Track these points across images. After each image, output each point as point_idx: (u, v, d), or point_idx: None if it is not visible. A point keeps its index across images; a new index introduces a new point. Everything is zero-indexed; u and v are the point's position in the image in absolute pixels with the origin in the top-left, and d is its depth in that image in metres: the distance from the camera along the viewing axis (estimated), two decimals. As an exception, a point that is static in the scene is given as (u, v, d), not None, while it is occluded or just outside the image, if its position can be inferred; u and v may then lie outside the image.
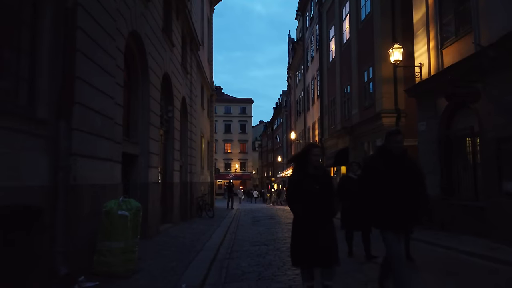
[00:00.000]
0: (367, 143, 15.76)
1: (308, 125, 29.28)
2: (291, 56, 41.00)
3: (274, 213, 20.01)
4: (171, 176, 11.32)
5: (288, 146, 45.63)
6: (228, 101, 66.89)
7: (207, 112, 23.28)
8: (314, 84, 26.91)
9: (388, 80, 14.06)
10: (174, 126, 11.59)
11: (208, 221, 14.38)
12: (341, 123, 19.43)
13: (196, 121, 17.40)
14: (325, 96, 23.03)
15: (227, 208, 23.53)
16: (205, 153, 21.98)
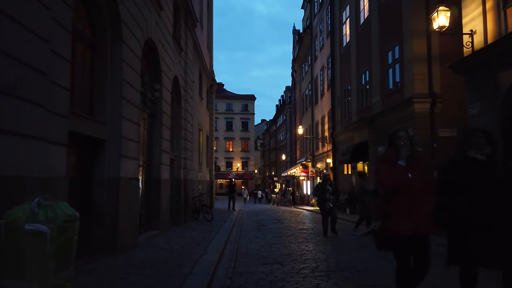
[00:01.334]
0: (392, 135, 13.45)
1: (317, 120, 27.00)
2: (296, 49, 38.74)
3: (281, 216, 17.74)
4: (158, 171, 9.07)
5: (292, 144, 43.37)
6: (230, 97, 64.68)
7: (206, 103, 21.02)
8: (324, 74, 24.62)
9: (420, 58, 11.78)
10: (163, 110, 9.34)
11: (205, 225, 12.12)
12: (358, 114, 17.14)
13: (193, 110, 15.15)
14: (337, 86, 20.74)
15: (228, 209, 21.26)
16: (203, 148, 19.72)
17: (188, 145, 12.90)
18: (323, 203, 10.01)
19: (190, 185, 13.51)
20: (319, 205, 10.59)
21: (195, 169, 16.06)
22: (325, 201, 9.95)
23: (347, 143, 18.39)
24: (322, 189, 10.09)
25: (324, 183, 10.22)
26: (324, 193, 9.98)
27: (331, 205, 9.78)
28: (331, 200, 9.99)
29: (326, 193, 9.94)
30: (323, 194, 10.03)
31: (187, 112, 12.87)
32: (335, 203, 10.30)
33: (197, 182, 16.90)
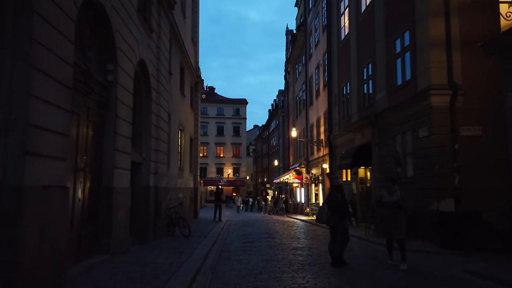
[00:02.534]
0: (402, 135, 11.52)
1: (311, 122, 25.06)
2: (289, 50, 36.96)
3: (272, 228, 15.65)
4: (110, 177, 6.96)
5: (285, 149, 41.39)
6: (221, 101, 62.70)
7: (190, 102, 18.96)
8: (319, 72, 22.73)
9: (437, 43, 9.88)
10: (119, 98, 7.26)
11: (179, 243, 10.00)
12: (359, 113, 15.20)
13: (171, 106, 13.10)
14: (335, 84, 18.83)
15: (214, 219, 19.12)
16: (186, 151, 17.62)
17: (161, 146, 10.80)
18: (342, 220, 7.17)
19: (164, 193, 11.39)
20: (333, 223, 7.22)
21: (172, 175, 13.95)
22: (346, 217, 7.27)
23: (346, 146, 16.43)
24: (342, 200, 7.31)
25: (337, 190, 7.43)
26: (345, 205, 7.35)
27: (351, 222, 7.88)
28: (350, 215, 7.90)
29: (346, 205, 7.41)
30: (344, 206, 7.28)
31: (161, 107, 10.79)
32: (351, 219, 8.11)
33: (177, 189, 14.78)
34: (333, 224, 7.14)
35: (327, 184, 20.61)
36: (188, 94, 18.24)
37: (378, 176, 13.04)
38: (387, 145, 12.45)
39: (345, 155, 15.00)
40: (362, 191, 15.05)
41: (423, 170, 10.15)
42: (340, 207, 7.15)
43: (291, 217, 24.92)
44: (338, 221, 7.06)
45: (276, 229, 15.14)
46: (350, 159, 13.79)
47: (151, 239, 9.96)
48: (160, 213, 10.84)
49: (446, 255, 8.49)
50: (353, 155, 13.74)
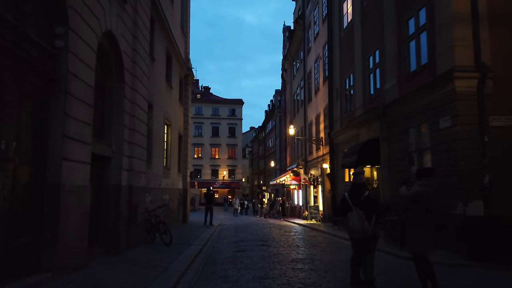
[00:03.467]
0: (417, 128, 10.01)
1: (310, 120, 23.55)
2: (286, 46, 35.50)
3: (268, 234, 14.08)
4: (58, 171, 5.39)
5: (282, 150, 39.89)
6: (216, 101, 61.14)
7: (179, 96, 17.40)
8: (319, 65, 21.25)
9: (462, 18, 8.40)
10: (72, 72, 5.70)
11: (156, 253, 8.42)
12: (364, 106, 13.71)
13: (153, 95, 11.59)
14: (336, 76, 17.34)
15: (204, 224, 17.52)
16: (173, 149, 16.05)
17: (137, 139, 9.23)
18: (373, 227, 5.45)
19: (142, 194, 9.80)
20: (374, 233, 5.45)
21: (155, 174, 12.37)
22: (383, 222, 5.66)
23: (349, 143, 14.92)
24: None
25: (360, 189, 5.58)
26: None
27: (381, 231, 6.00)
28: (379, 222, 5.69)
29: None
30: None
31: (137, 94, 9.23)
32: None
33: (160, 190, 13.20)
34: (373, 235, 5.38)
35: (327, 185, 19.09)
36: (176, 86, 16.69)
37: (387, 175, 11.53)
38: (398, 140, 10.95)
39: (349, 152, 13.47)
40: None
41: (445, 167, 8.64)
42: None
43: (288, 220, 23.35)
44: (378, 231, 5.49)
45: (272, 235, 13.57)
46: (355, 156, 12.27)
47: (124, 249, 8.37)
48: (136, 217, 9.25)
49: (477, 269, 6.98)
50: (358, 152, 12.22)
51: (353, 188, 5.63)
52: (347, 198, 5.50)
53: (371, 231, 5.26)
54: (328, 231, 14.75)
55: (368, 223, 5.16)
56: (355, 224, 5.28)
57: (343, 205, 5.55)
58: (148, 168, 11.38)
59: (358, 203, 5.33)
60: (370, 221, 5.20)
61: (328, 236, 13.24)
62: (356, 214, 5.26)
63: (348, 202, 5.43)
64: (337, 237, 12.71)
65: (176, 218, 16.50)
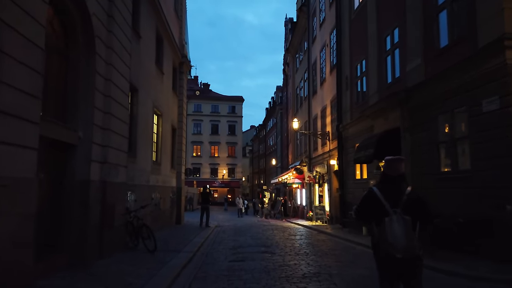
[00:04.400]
0: (449, 114, 8.39)
1: (315, 113, 21.93)
2: (289, 38, 33.91)
3: (270, 238, 12.47)
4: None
5: (284, 148, 38.33)
6: (216, 98, 59.51)
7: (172, 84, 15.79)
8: (325, 54, 19.62)
9: (513, -26, 6.80)
10: (5, 21, 4.09)
11: (135, 263, 6.83)
12: (380, 93, 12.09)
13: (137, 77, 10.02)
14: (346, 63, 15.72)
15: (200, 225, 15.92)
16: (165, 142, 14.45)
17: (114, 125, 7.62)
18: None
19: (120, 192, 8.19)
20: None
21: (142, 169, 10.78)
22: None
23: (362, 136, 13.30)
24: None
25: (398, 182, 3.54)
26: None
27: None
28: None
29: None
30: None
31: (115, 70, 7.62)
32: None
33: (148, 188, 11.60)
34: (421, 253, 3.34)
35: (335, 183, 17.49)
36: (169, 73, 15.08)
37: (410, 171, 9.92)
38: (424, 129, 9.33)
39: (363, 145, 11.85)
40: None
41: (488, 160, 7.05)
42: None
43: (291, 221, 21.75)
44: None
45: (275, 239, 11.96)
46: (372, 149, 10.65)
47: (95, 258, 6.76)
48: (113, 220, 7.64)
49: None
50: (375, 144, 10.60)
51: (387, 182, 3.52)
52: (378, 196, 3.39)
53: (420, 247, 3.33)
54: (337, 234, 13.15)
55: (415, 236, 3.30)
56: (397, 236, 3.25)
57: (371, 206, 3.43)
58: (132, 161, 9.78)
59: (399, 204, 3.33)
60: (415, 230, 3.43)
61: (339, 241, 11.63)
62: (399, 222, 3.27)
63: (381, 202, 3.35)
64: (349, 242, 11.11)
65: (168, 219, 14.91)
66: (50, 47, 5.75)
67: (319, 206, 18.74)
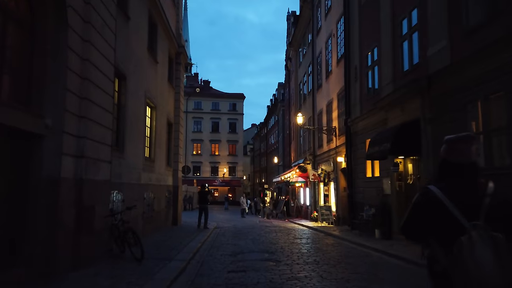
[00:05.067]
0: (481, 102, 7.27)
1: (320, 108, 20.80)
2: (291, 32, 32.74)
3: (274, 241, 11.38)
4: None
5: (286, 146, 37.27)
6: (216, 96, 58.46)
7: (168, 75, 14.67)
8: (331, 45, 18.49)
9: None
10: None
11: (116, 276, 5.73)
12: (396, 82, 10.96)
13: (124, 62, 8.92)
14: (355, 52, 14.59)
15: (198, 227, 14.84)
16: (160, 137, 13.35)
17: (94, 113, 6.53)
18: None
19: (102, 191, 7.09)
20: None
21: (131, 166, 9.68)
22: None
23: (374, 130, 12.19)
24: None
25: (471, 176, 2.16)
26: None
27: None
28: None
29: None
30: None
31: (94, 49, 6.52)
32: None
33: (139, 187, 10.51)
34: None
35: (342, 182, 16.38)
36: (164, 63, 13.96)
37: (432, 169, 8.81)
38: (450, 120, 8.21)
39: (377, 139, 10.72)
40: (400, 190, 10.79)
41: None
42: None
43: (295, 222, 20.65)
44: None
45: (279, 243, 10.86)
46: (388, 144, 9.52)
47: (67, 269, 5.67)
48: (92, 223, 6.54)
49: None
50: (393, 137, 9.47)
51: (453, 176, 2.17)
52: (443, 201, 2.04)
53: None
54: (346, 237, 12.05)
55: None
56: (484, 266, 1.87)
57: (432, 217, 2.08)
58: (119, 157, 8.69)
59: (478, 212, 1.98)
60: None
61: (350, 246, 10.52)
62: (484, 242, 1.88)
63: (449, 211, 2.01)
64: (362, 247, 10.01)
65: (163, 221, 13.82)
66: (7, 16, 4.66)
67: (325, 206, 17.63)
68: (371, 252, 9.24)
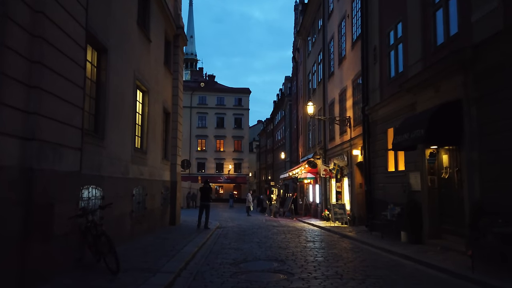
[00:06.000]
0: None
1: (331, 98, 19.18)
2: (299, 21, 31.05)
3: (283, 245, 9.84)
4: None
5: (293, 141, 35.70)
6: (221, 90, 56.94)
7: (164, 58, 13.15)
8: (345, 26, 16.83)
9: None
10: None
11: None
12: (426, 59, 9.31)
13: (105, 31, 7.42)
14: (374, 31, 12.93)
15: (198, 227, 13.37)
16: (154, 127, 11.87)
17: (54, 84, 5.04)
18: None
19: (67, 184, 5.58)
20: None
21: (115, 156, 8.19)
22: None
23: (398, 117, 10.57)
24: None
25: None
26: None
27: None
28: None
29: None
30: None
31: (59, 6, 5.00)
32: None
33: (127, 181, 9.04)
34: None
35: (358, 177, 14.79)
36: (159, 43, 12.46)
37: (477, 159, 7.19)
38: (502, 98, 6.59)
39: (405, 126, 9.05)
40: (432, 186, 9.15)
41: None
42: None
43: (304, 221, 19.11)
44: None
45: (289, 247, 9.32)
46: (422, 129, 7.88)
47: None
48: (50, 227, 5.05)
49: None
50: (428, 122, 7.82)
51: None
52: None
53: None
54: (366, 239, 10.48)
55: None
56: None
57: None
58: (98, 144, 7.21)
59: None
60: None
61: (373, 251, 8.95)
62: None
63: None
64: (388, 252, 8.45)
65: (158, 220, 12.36)
66: None
67: (338, 204, 16.03)
68: (402, 260, 7.66)
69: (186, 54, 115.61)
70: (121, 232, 8.57)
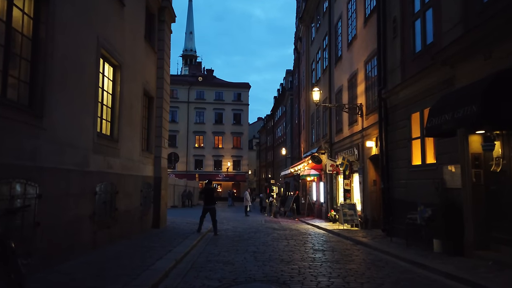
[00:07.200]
0: None
1: (339, 85, 17.15)
2: (302, 7, 28.97)
3: (286, 256, 7.84)
4: None
5: (295, 137, 33.69)
6: (220, 85, 54.89)
7: (144, 31, 11.12)
8: (357, 1, 14.77)
9: None
10: None
11: None
12: (466, 22, 7.27)
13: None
14: (394, 0, 10.90)
15: (198, 231, 11.36)
16: (131, 110, 9.86)
17: None
18: None
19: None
20: None
21: (63, 142, 6.18)
22: None
23: (428, 97, 8.56)
24: None
25: None
26: None
27: None
28: None
29: None
30: None
31: None
32: None
33: (84, 175, 7.02)
34: None
35: (371, 173, 12.79)
36: (138, 12, 10.43)
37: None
38: None
39: (448, 104, 6.95)
40: (477, 182, 7.12)
41: None
42: None
43: (307, 222, 17.13)
44: None
45: (294, 259, 7.31)
46: (474, 106, 5.84)
47: None
48: None
49: None
50: (481, 96, 5.79)
51: None
52: None
53: None
54: (387, 249, 8.48)
55: None
56: None
57: None
58: (33, 124, 5.21)
59: None
60: None
61: (402, 265, 6.95)
62: None
63: None
64: (424, 269, 6.47)
65: (136, 223, 10.36)
66: None
67: (348, 204, 14.00)
68: (446, 281, 5.67)
69: (185, 50, 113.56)
70: (75, 242, 6.58)
